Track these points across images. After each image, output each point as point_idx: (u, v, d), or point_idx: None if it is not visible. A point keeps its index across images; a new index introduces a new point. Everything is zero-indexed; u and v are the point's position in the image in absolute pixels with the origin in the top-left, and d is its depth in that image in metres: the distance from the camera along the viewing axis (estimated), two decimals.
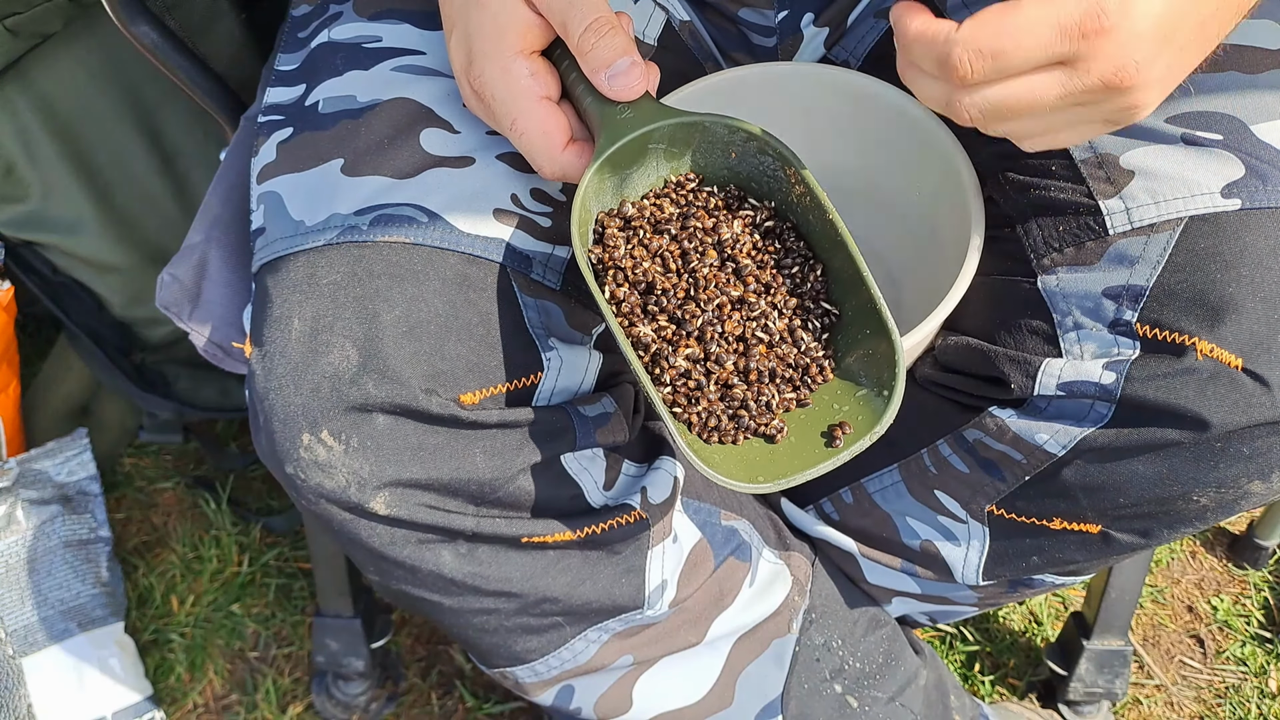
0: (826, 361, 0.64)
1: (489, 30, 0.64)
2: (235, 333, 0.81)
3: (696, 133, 0.64)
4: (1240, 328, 0.63)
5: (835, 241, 0.63)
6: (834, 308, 0.64)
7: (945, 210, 0.75)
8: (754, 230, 0.65)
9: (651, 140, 0.64)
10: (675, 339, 0.63)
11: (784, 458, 0.62)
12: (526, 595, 0.74)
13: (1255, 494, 0.67)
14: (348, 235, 0.66)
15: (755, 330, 0.63)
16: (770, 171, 0.65)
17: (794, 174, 0.63)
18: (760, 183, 0.66)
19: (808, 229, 0.65)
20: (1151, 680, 1.21)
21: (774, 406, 0.63)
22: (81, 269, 1.21)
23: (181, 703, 1.20)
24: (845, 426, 0.61)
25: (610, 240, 0.64)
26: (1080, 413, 0.68)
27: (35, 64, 1.10)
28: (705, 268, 0.64)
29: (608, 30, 0.61)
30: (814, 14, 0.80)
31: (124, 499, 1.36)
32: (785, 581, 0.87)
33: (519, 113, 0.63)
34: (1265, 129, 0.65)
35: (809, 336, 0.64)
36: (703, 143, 0.65)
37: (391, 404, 0.64)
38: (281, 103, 0.75)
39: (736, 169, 0.66)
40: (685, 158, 0.66)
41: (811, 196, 0.63)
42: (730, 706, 0.87)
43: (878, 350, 0.61)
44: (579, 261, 0.61)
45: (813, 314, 0.64)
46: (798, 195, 0.64)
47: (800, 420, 0.63)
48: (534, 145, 0.64)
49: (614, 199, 0.65)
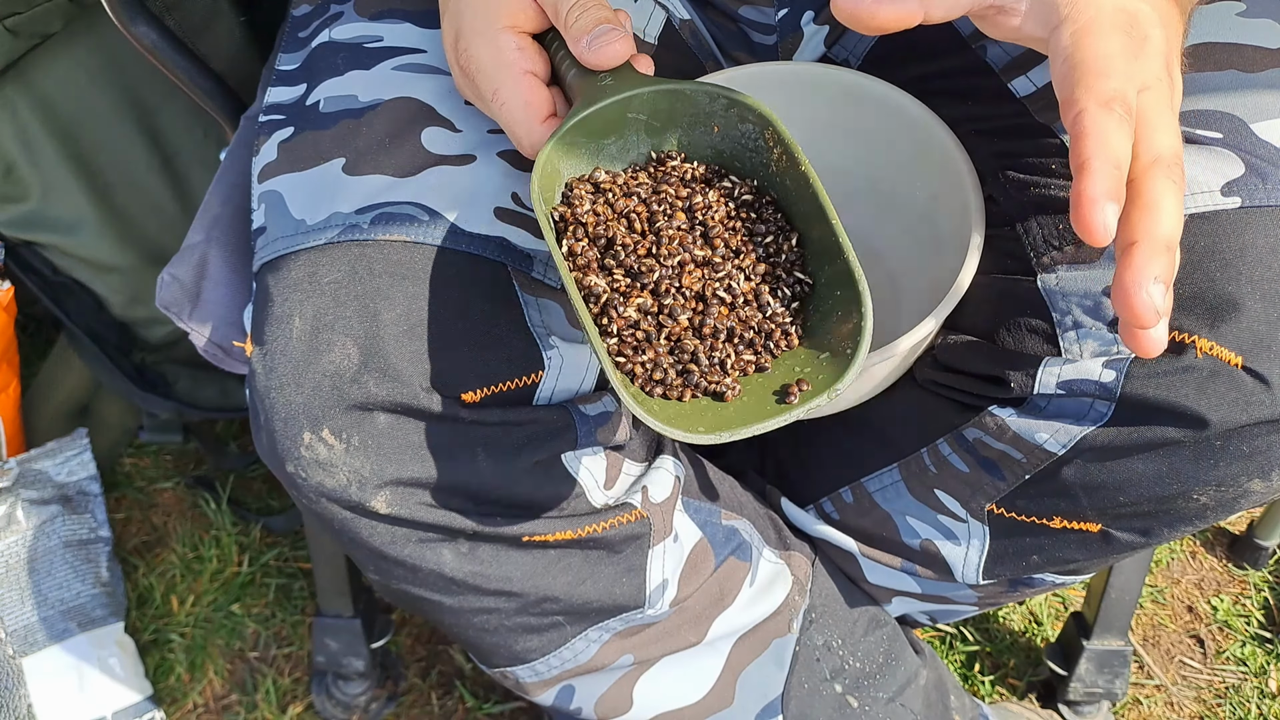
0: (793, 327, 0.60)
1: (479, 7, 0.64)
2: (235, 332, 0.81)
3: (678, 102, 0.63)
4: (1240, 326, 0.63)
5: (814, 208, 0.61)
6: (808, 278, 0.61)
7: (945, 210, 0.75)
8: (729, 201, 0.63)
9: (631, 109, 0.62)
10: (628, 291, 0.60)
11: (732, 413, 0.58)
12: (527, 594, 0.74)
13: (1255, 492, 0.67)
14: (349, 234, 0.66)
15: (717, 290, 0.60)
16: (752, 142, 0.63)
17: (772, 135, 0.61)
18: (743, 159, 0.64)
19: (787, 200, 0.63)
20: (1151, 680, 1.21)
21: (728, 367, 0.59)
22: (81, 269, 1.21)
23: (181, 703, 1.20)
24: (802, 384, 0.58)
25: (576, 200, 0.62)
26: (1080, 411, 0.68)
27: (35, 64, 1.10)
28: (671, 228, 0.61)
29: (593, 5, 0.62)
30: (814, 12, 0.80)
31: (124, 499, 1.36)
32: (785, 581, 0.87)
33: (501, 83, 0.63)
34: (1265, 127, 0.65)
35: (776, 302, 0.61)
36: (685, 115, 0.63)
37: (392, 403, 0.64)
38: (282, 102, 0.75)
39: (720, 146, 0.64)
40: (668, 134, 0.64)
41: (788, 155, 0.61)
42: (730, 706, 0.87)
43: (849, 318, 0.58)
44: (537, 214, 0.59)
45: (783, 282, 0.61)
46: (776, 159, 0.62)
47: (756, 383, 0.60)
48: (514, 116, 0.63)
49: (589, 168, 0.64)
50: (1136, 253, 0.50)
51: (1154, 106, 0.53)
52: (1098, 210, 0.49)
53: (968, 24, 0.77)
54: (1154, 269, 0.50)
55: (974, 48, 0.76)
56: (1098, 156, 0.50)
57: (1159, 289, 0.50)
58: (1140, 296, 0.50)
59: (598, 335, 0.57)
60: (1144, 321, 0.50)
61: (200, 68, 0.91)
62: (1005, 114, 0.73)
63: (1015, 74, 0.73)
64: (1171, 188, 0.52)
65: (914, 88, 0.75)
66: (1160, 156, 0.52)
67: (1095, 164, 0.50)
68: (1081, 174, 0.50)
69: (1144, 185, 0.52)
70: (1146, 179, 0.52)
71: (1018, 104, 0.72)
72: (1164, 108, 0.53)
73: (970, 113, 0.75)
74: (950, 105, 0.75)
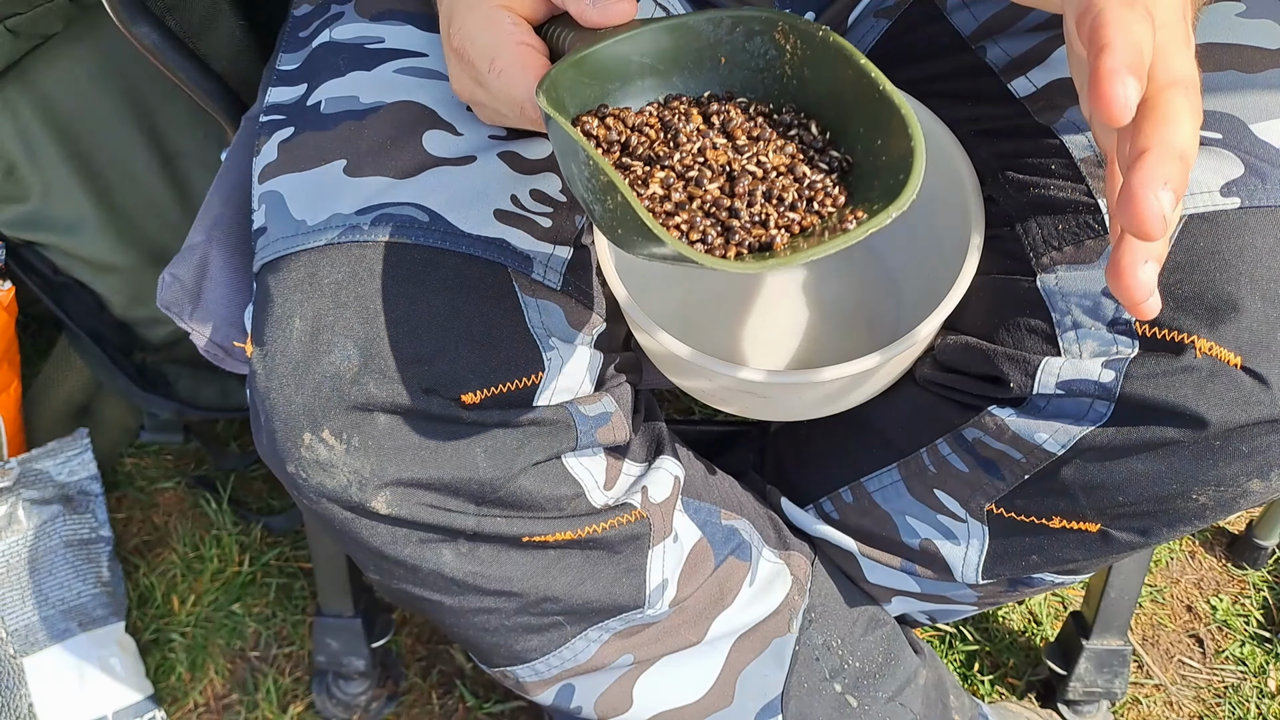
0: (837, 190, 0.55)
1: None
2: (236, 333, 0.81)
3: (683, 38, 0.60)
4: (1239, 326, 0.63)
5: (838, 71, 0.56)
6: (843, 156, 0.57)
7: (945, 210, 0.75)
8: (745, 107, 0.60)
9: (635, 52, 0.60)
10: (646, 176, 0.56)
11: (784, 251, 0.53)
12: (527, 594, 0.74)
13: (1254, 492, 0.67)
14: (349, 235, 0.66)
15: (745, 165, 0.55)
16: (762, 59, 0.60)
17: (782, 30, 0.58)
18: (755, 89, 0.61)
19: (807, 97, 0.59)
20: (1151, 680, 1.21)
21: (770, 224, 0.54)
22: (82, 269, 1.21)
23: (182, 702, 1.20)
24: (857, 213, 0.53)
25: (585, 122, 0.59)
26: (1079, 411, 0.68)
27: (36, 65, 1.10)
28: (688, 128, 0.57)
29: None
30: (814, 13, 0.80)
31: (125, 499, 1.36)
32: (785, 581, 0.87)
33: (498, 51, 0.61)
34: (1264, 128, 0.65)
35: (812, 171, 0.55)
36: (691, 52, 0.61)
37: (393, 403, 0.65)
38: (283, 102, 0.75)
39: (729, 80, 0.61)
40: (675, 78, 0.61)
41: (804, 41, 0.57)
42: (730, 706, 0.87)
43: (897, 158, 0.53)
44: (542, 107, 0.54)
45: (817, 160, 0.56)
46: (790, 58, 0.59)
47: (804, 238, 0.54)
48: (513, 81, 0.61)
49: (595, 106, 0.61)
50: (1149, 157, 0.46)
51: (1171, 40, 0.49)
52: (1119, 81, 0.45)
53: (968, 24, 0.77)
54: (1165, 172, 0.45)
55: (974, 48, 0.76)
56: (1120, 35, 0.46)
57: (1168, 196, 0.45)
58: (1148, 198, 0.45)
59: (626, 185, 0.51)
60: (1149, 230, 0.45)
61: (201, 68, 0.91)
62: (1005, 114, 0.73)
63: (1015, 74, 0.73)
64: (1188, 107, 0.47)
65: (914, 88, 0.75)
66: (1179, 79, 0.48)
67: (1118, 41, 0.45)
68: (1102, 52, 0.45)
69: (1160, 100, 0.47)
70: (1163, 96, 0.48)
71: (1018, 104, 0.72)
72: (1180, 44, 0.50)
73: (970, 113, 0.75)
74: (950, 105, 0.75)
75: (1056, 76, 0.71)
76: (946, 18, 0.78)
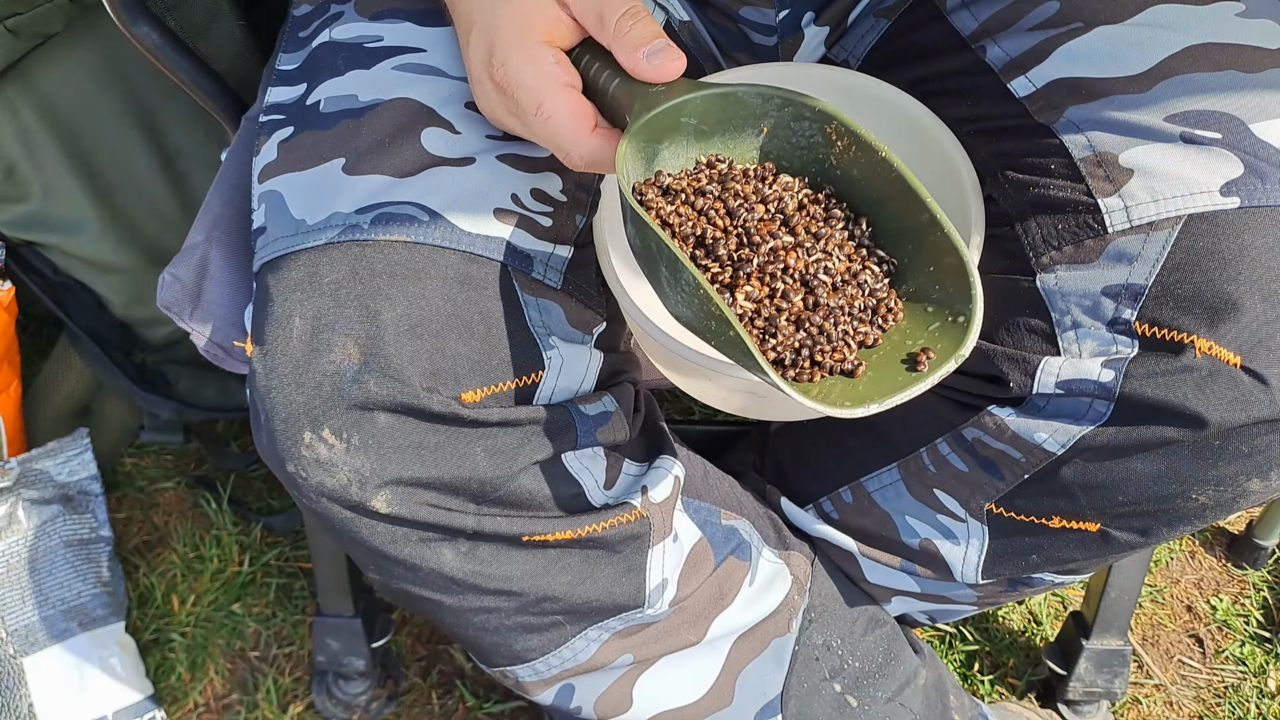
0: (895, 301, 0.61)
1: (514, 23, 0.64)
2: (236, 332, 0.81)
3: (729, 106, 0.63)
4: (1239, 326, 0.63)
5: (887, 183, 0.60)
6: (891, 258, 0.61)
7: (945, 210, 0.75)
8: (796, 194, 0.63)
9: (684, 114, 0.62)
10: (732, 282, 0.60)
11: (866, 388, 0.58)
12: (527, 594, 0.74)
13: (1254, 492, 0.67)
14: (349, 234, 0.66)
15: (817, 273, 0.60)
16: (805, 139, 0.63)
17: (835, 129, 0.61)
18: (791, 158, 0.64)
19: (850, 188, 0.63)
20: (1151, 680, 1.21)
21: (851, 341, 0.60)
22: (82, 269, 1.21)
23: (182, 702, 1.20)
24: (928, 352, 0.58)
25: (652, 202, 0.62)
26: (1079, 411, 0.68)
27: (36, 65, 1.10)
28: (754, 219, 0.61)
29: (644, 16, 0.62)
30: (814, 13, 0.80)
31: (125, 499, 1.36)
32: (785, 581, 0.87)
33: (545, 96, 0.62)
34: (1264, 128, 0.65)
35: (872, 278, 0.61)
36: (734, 118, 0.63)
37: (393, 402, 0.65)
38: (283, 102, 0.75)
39: (766, 147, 0.64)
40: (715, 138, 0.64)
41: (858, 145, 0.61)
42: (730, 706, 0.87)
43: (946, 276, 0.58)
44: (630, 203, 0.58)
45: (870, 260, 0.61)
46: (839, 152, 0.62)
47: (876, 358, 0.60)
48: (561, 128, 0.62)
49: (649, 172, 0.64)
50: None
51: None
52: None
53: (968, 24, 0.77)
54: None
55: (974, 48, 0.76)
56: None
57: None
58: None
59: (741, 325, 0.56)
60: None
61: (201, 68, 0.91)
62: (1005, 114, 0.73)
63: (1015, 74, 0.73)
64: None
65: (914, 88, 0.75)
66: None
67: None
68: None
69: None
70: None
71: (1017, 104, 0.72)
72: None
73: (970, 113, 0.75)
74: (950, 105, 0.75)
75: (1056, 76, 0.71)
76: (946, 18, 0.78)
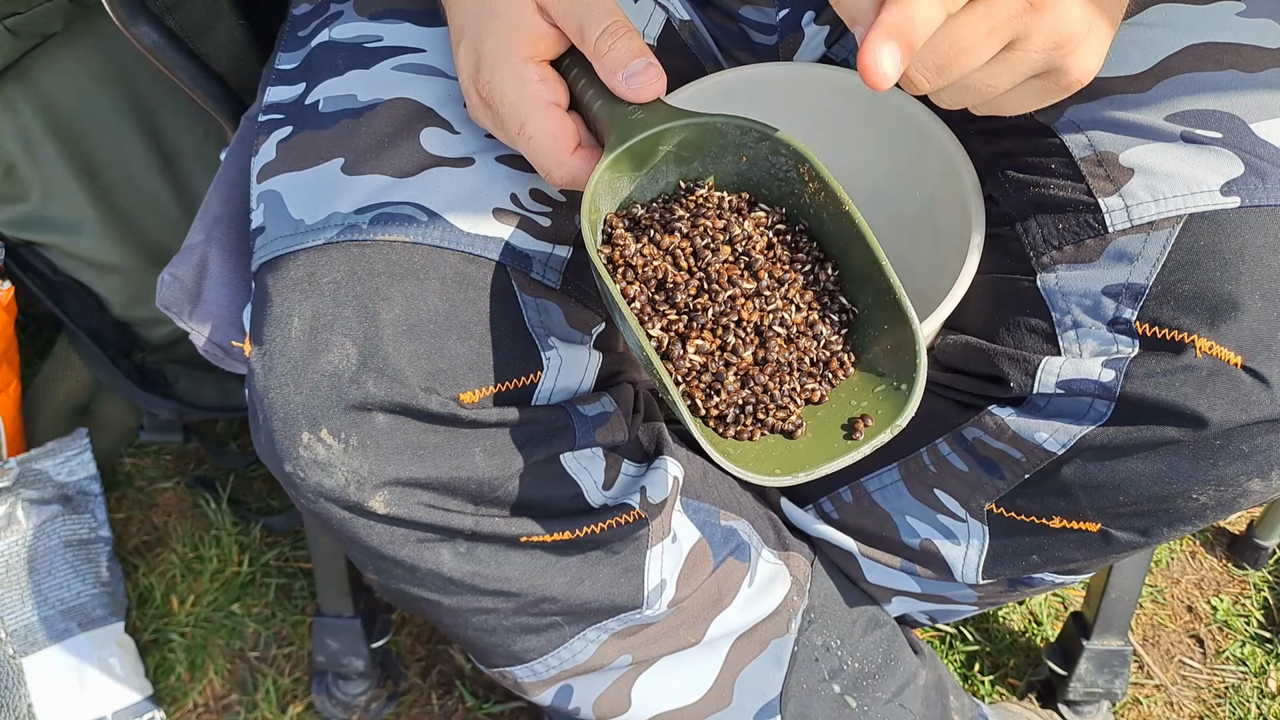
0: (847, 356, 0.62)
1: (500, 37, 0.64)
2: (235, 332, 0.81)
3: (708, 134, 0.63)
4: (1240, 325, 0.63)
5: (851, 235, 0.62)
6: (852, 306, 0.63)
7: (945, 210, 0.75)
8: (766, 231, 0.64)
9: (663, 141, 0.63)
10: (686, 332, 0.62)
11: (802, 452, 0.60)
12: (525, 594, 0.74)
13: (1254, 492, 0.67)
14: (347, 234, 0.66)
15: (772, 324, 0.62)
16: (782, 173, 0.64)
17: (807, 171, 0.62)
18: (771, 188, 0.65)
19: (821, 229, 0.64)
20: (1151, 680, 1.21)
21: (796, 399, 0.61)
22: (82, 269, 1.21)
23: (182, 702, 1.20)
24: (866, 419, 0.60)
25: (619, 240, 0.63)
26: (1079, 411, 0.68)
27: (36, 64, 1.10)
28: (719, 262, 0.62)
29: (624, 33, 0.61)
30: (815, 12, 0.80)
31: (124, 499, 1.36)
32: (784, 581, 0.87)
33: (528, 117, 0.63)
34: (1264, 127, 0.65)
35: (828, 330, 0.62)
36: (714, 146, 0.64)
37: (391, 403, 0.64)
38: (282, 101, 0.75)
39: (747, 175, 0.65)
40: (695, 163, 0.65)
41: (826, 192, 0.62)
42: (729, 706, 0.87)
43: (897, 342, 0.60)
44: (592, 258, 0.60)
45: (829, 309, 0.63)
46: (811, 193, 0.63)
47: (819, 417, 0.62)
48: (542, 149, 0.63)
49: (622, 202, 0.65)
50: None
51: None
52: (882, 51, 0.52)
53: None
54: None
55: None
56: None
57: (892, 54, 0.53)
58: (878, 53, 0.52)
59: (671, 380, 0.58)
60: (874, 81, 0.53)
61: (200, 68, 0.91)
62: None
63: None
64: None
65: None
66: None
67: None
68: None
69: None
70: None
71: None
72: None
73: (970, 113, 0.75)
74: None
75: None
76: None
